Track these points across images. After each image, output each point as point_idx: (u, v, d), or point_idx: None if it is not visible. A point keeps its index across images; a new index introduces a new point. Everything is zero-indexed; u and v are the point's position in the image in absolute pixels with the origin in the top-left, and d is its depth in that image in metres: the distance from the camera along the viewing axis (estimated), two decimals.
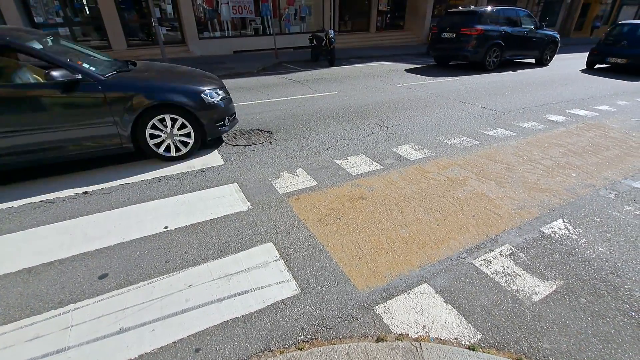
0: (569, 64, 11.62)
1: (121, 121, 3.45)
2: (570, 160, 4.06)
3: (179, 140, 3.87)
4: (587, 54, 10.83)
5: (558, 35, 10.48)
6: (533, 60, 11.51)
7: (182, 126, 3.81)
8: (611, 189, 3.40)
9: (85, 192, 3.24)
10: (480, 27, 8.76)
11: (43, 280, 2.17)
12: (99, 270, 2.26)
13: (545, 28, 10.24)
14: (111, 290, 2.09)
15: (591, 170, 3.82)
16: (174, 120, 3.73)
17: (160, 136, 3.74)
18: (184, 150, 3.92)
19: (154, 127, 3.66)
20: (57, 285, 2.13)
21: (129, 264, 2.32)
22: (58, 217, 2.84)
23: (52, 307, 1.97)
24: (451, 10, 9.90)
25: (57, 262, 2.33)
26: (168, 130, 3.74)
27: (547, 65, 10.66)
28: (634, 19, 29.20)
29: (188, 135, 3.89)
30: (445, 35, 9.59)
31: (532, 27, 9.90)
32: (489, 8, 9.12)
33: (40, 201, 3.08)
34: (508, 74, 9.58)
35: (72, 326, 1.84)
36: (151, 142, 3.72)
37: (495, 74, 9.48)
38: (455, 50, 9.59)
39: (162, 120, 3.68)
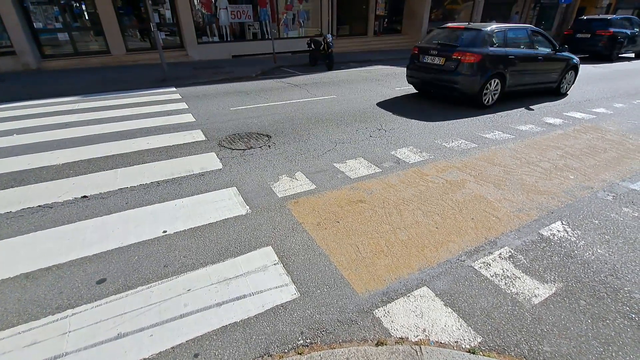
0: None
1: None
2: (568, 163, 4.07)
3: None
4: (580, 56, 10.61)
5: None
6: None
7: None
8: (609, 191, 3.41)
9: (84, 197, 3.23)
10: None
11: (41, 286, 2.16)
12: (97, 275, 2.25)
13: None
14: (109, 295, 2.08)
15: (589, 172, 3.83)
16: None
17: None
18: None
19: None
20: (55, 291, 2.12)
21: (128, 269, 2.31)
22: (56, 222, 2.83)
23: (49, 312, 1.95)
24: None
25: (55, 267, 2.31)
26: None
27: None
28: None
29: None
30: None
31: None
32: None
33: (39, 206, 3.07)
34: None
35: (70, 332, 1.82)
36: None
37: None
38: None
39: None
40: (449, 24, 7.08)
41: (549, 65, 7.07)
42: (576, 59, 7.62)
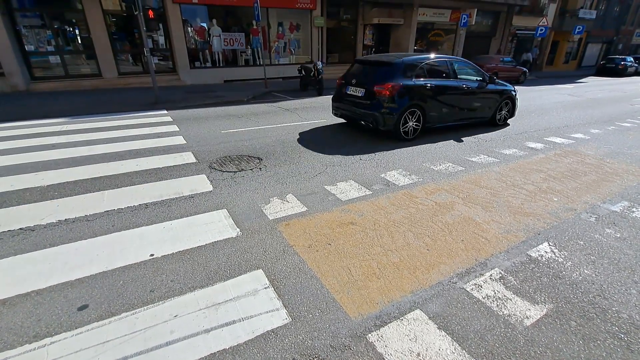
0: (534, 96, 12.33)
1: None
2: (551, 185, 4.21)
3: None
4: (556, 86, 10.82)
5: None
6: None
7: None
8: (591, 213, 3.52)
9: (67, 219, 3.14)
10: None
11: (18, 313, 2.04)
12: (79, 301, 2.15)
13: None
14: (91, 322, 1.98)
15: (571, 194, 3.96)
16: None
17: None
18: None
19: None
20: (32, 318, 2.01)
21: (112, 294, 2.22)
22: (37, 245, 2.73)
23: (26, 341, 1.84)
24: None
25: (34, 293, 2.21)
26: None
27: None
28: (598, 55, 31.55)
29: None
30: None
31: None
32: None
33: (20, 228, 2.97)
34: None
35: None
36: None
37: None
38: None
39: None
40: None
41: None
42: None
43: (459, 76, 6.59)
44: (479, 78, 6.88)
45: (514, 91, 7.54)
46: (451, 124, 6.76)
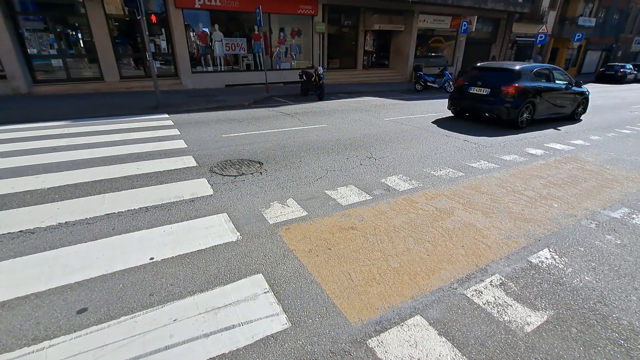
0: None
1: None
2: (552, 192, 4.21)
3: None
4: None
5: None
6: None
7: None
8: (592, 219, 3.52)
9: (67, 222, 3.14)
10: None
11: (17, 316, 2.04)
12: (78, 305, 2.15)
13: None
14: (90, 326, 1.98)
15: (572, 201, 3.96)
16: None
17: None
18: None
19: None
20: (31, 321, 2.00)
21: (111, 298, 2.21)
22: (37, 248, 2.73)
23: (25, 344, 1.84)
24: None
25: (33, 296, 2.20)
26: None
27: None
28: (597, 62, 31.80)
29: None
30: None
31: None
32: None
33: (20, 231, 2.96)
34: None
35: None
36: None
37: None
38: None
39: None
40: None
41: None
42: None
43: (556, 80, 8.52)
44: (566, 82, 8.80)
45: (588, 92, 9.41)
46: (546, 117, 8.58)
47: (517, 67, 7.84)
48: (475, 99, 8.26)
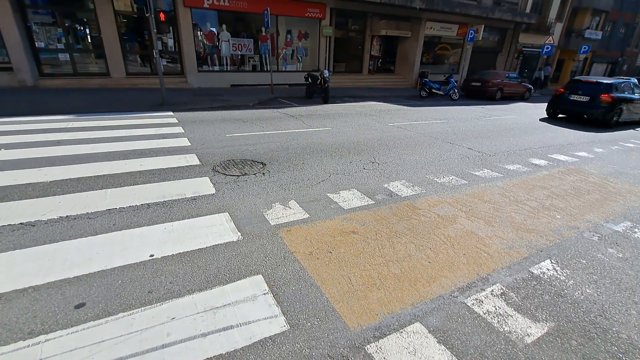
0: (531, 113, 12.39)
1: None
2: (554, 203, 4.19)
3: None
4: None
5: None
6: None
7: None
8: (594, 232, 3.49)
9: (68, 216, 3.14)
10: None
11: (13, 309, 2.03)
12: (76, 299, 2.14)
13: None
14: (87, 321, 1.97)
15: (574, 212, 3.94)
16: None
17: None
18: None
19: None
20: (28, 314, 1.99)
21: (109, 293, 2.20)
22: (37, 241, 2.72)
23: (20, 337, 1.82)
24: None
25: (31, 289, 2.19)
26: None
27: None
28: (603, 75, 31.86)
29: None
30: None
31: None
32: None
33: (20, 223, 2.96)
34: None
35: (41, 359, 1.70)
36: None
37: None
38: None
39: None
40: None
41: None
42: None
43: (635, 92, 11.03)
44: None
45: None
46: (627, 120, 10.92)
47: (612, 81, 10.47)
48: (575, 104, 10.78)
